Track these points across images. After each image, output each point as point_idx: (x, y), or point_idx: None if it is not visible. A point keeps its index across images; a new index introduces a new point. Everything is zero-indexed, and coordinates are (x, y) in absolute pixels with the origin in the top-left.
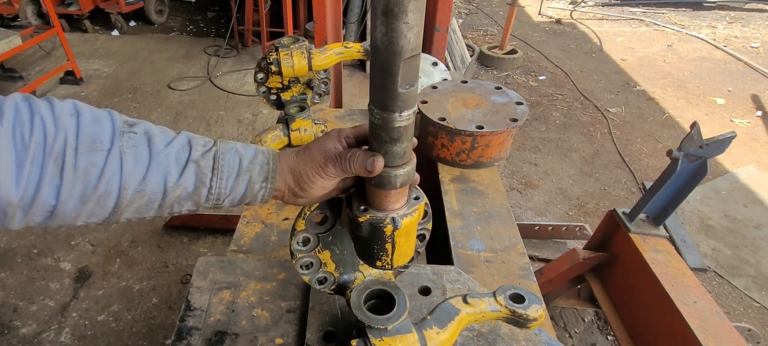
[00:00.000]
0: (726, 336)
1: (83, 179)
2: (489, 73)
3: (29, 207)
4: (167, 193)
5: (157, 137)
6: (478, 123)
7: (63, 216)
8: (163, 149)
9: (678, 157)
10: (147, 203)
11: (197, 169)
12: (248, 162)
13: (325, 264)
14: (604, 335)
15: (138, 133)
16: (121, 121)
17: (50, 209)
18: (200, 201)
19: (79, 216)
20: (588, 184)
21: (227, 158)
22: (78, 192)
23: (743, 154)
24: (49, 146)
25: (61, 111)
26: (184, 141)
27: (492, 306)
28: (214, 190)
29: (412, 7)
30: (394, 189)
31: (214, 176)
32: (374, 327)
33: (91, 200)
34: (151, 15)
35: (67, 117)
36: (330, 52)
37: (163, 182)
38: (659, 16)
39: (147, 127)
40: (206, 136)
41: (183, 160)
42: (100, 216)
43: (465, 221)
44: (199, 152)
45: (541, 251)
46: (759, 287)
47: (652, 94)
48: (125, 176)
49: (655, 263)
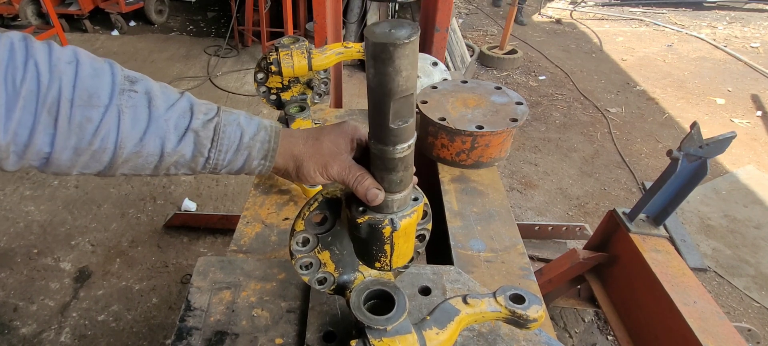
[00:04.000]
0: (726, 336)
1: (78, 132)
2: (489, 73)
3: (23, 153)
4: (164, 157)
5: (158, 99)
6: (478, 123)
7: (58, 165)
8: (164, 113)
9: (678, 157)
10: (142, 164)
11: (196, 139)
12: (249, 138)
13: (324, 264)
14: (604, 335)
15: (138, 93)
16: (122, 77)
17: (45, 156)
18: (197, 169)
19: (74, 167)
20: (588, 184)
21: (228, 131)
22: (72, 144)
23: (743, 154)
24: (42, 95)
25: (59, 58)
26: (186, 106)
27: (492, 307)
28: (211, 160)
29: (399, 55)
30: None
31: (213, 147)
32: (373, 328)
33: (86, 153)
34: (151, 15)
35: (64, 65)
36: (330, 52)
37: (161, 146)
38: (659, 16)
39: (148, 86)
40: (209, 103)
41: (183, 128)
42: (95, 169)
43: (465, 221)
44: (200, 121)
45: (541, 251)
46: (759, 287)
47: (652, 94)
48: (122, 136)
49: (655, 263)
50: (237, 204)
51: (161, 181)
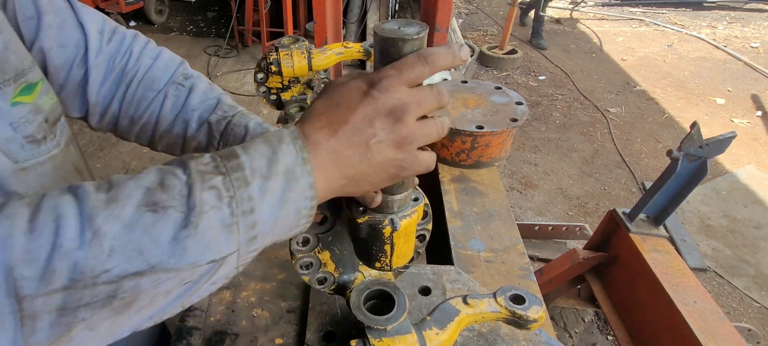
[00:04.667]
0: (726, 336)
1: (136, 105)
2: (489, 73)
3: (103, 113)
4: (186, 141)
5: (195, 93)
6: (478, 123)
7: (121, 129)
8: (194, 104)
9: (678, 158)
10: (173, 143)
11: (209, 131)
12: (250, 138)
13: (324, 264)
14: (604, 335)
15: (184, 86)
16: (181, 73)
17: (114, 119)
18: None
19: (132, 133)
20: (588, 184)
21: (235, 130)
22: (130, 113)
23: (743, 154)
24: (127, 73)
25: (146, 51)
26: (214, 103)
27: (492, 307)
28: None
29: (407, 50)
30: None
31: (221, 140)
32: (373, 328)
33: (138, 124)
34: (151, 15)
35: (147, 58)
36: (330, 52)
37: (184, 129)
38: (659, 16)
39: (194, 83)
40: (237, 106)
41: (203, 119)
42: (144, 140)
43: (465, 221)
44: (217, 116)
45: (541, 251)
46: (759, 287)
47: (652, 94)
48: (161, 115)
49: (655, 263)
50: None
51: None
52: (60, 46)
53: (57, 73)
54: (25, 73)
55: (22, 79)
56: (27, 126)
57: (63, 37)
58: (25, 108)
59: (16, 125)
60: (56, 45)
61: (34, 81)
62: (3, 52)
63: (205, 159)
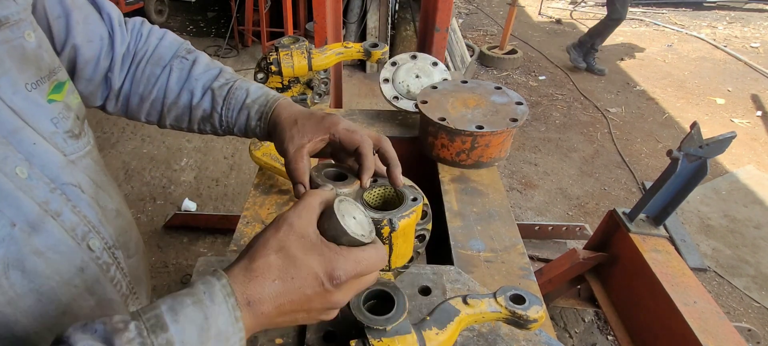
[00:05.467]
0: (726, 336)
1: (145, 82)
2: (489, 73)
3: (117, 93)
4: (192, 110)
5: (198, 65)
6: (478, 123)
7: (131, 109)
8: (197, 75)
9: (678, 158)
10: (181, 115)
11: (213, 97)
12: (251, 100)
13: None
14: (604, 335)
15: (188, 60)
16: (184, 48)
17: (126, 98)
18: (216, 125)
19: (141, 112)
20: (588, 184)
21: (237, 93)
22: (140, 91)
23: (743, 154)
24: (138, 55)
25: (152, 33)
26: (215, 73)
27: (492, 307)
28: (223, 117)
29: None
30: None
31: (224, 105)
32: (373, 328)
33: (148, 100)
34: (151, 15)
35: (154, 39)
36: (330, 52)
37: (189, 99)
38: (659, 16)
39: (197, 57)
40: (237, 75)
41: (206, 87)
42: (154, 117)
43: (465, 221)
44: (219, 83)
45: (541, 251)
46: (759, 287)
47: (652, 94)
48: (168, 88)
49: (655, 263)
50: (237, 204)
51: (161, 181)
52: (88, 41)
53: (86, 67)
54: (56, 71)
55: (54, 78)
56: (64, 122)
57: (89, 32)
58: (59, 105)
59: (56, 120)
60: (86, 41)
61: (63, 80)
62: (37, 50)
63: (131, 332)
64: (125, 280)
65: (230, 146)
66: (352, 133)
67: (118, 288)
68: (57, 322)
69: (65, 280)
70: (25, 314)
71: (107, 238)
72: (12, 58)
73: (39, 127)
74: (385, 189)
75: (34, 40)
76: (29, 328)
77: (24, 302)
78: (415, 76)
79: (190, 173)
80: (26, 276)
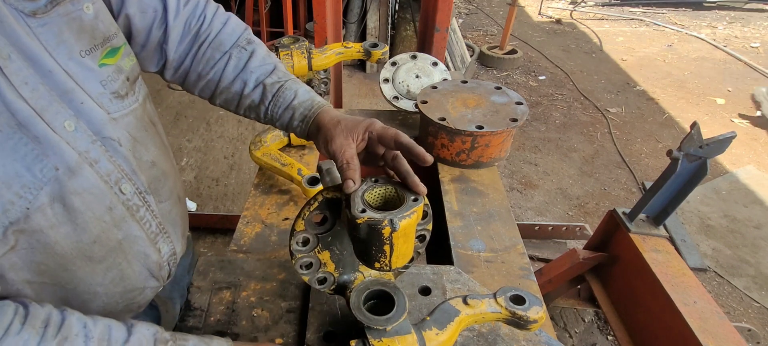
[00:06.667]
0: (726, 336)
1: (204, 63)
2: (489, 73)
3: (177, 67)
4: (242, 98)
5: (255, 58)
6: (478, 123)
7: (189, 83)
8: (252, 67)
9: (678, 158)
10: (231, 99)
11: (263, 91)
12: (298, 102)
13: (324, 264)
14: (604, 335)
15: (246, 50)
16: (245, 38)
17: (185, 73)
18: (260, 115)
19: (196, 88)
20: (588, 184)
21: (286, 94)
22: (198, 70)
23: (743, 154)
24: (200, 36)
25: (217, 16)
26: (270, 69)
27: (492, 307)
28: (269, 111)
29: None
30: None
31: (272, 101)
32: (373, 328)
33: (203, 80)
34: None
35: (218, 23)
36: (330, 52)
37: (241, 88)
38: (659, 16)
39: (255, 48)
40: (290, 74)
41: (259, 81)
42: (206, 95)
43: (465, 221)
44: (272, 80)
45: (541, 251)
46: (759, 287)
47: (652, 94)
48: (224, 75)
49: (655, 263)
50: (237, 204)
51: None
52: (141, 12)
53: (139, 36)
54: (111, 38)
55: (108, 44)
56: (112, 83)
57: (143, 4)
58: (110, 69)
59: (105, 83)
60: (139, 12)
61: (118, 45)
62: (93, 21)
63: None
64: (155, 221)
65: (230, 146)
66: (387, 129)
67: (147, 227)
68: (88, 248)
69: (97, 216)
70: (64, 237)
71: (139, 184)
72: (71, 29)
73: (88, 88)
74: (385, 189)
75: (92, 11)
76: (66, 249)
77: (64, 229)
78: (415, 76)
79: (190, 173)
80: (66, 209)
